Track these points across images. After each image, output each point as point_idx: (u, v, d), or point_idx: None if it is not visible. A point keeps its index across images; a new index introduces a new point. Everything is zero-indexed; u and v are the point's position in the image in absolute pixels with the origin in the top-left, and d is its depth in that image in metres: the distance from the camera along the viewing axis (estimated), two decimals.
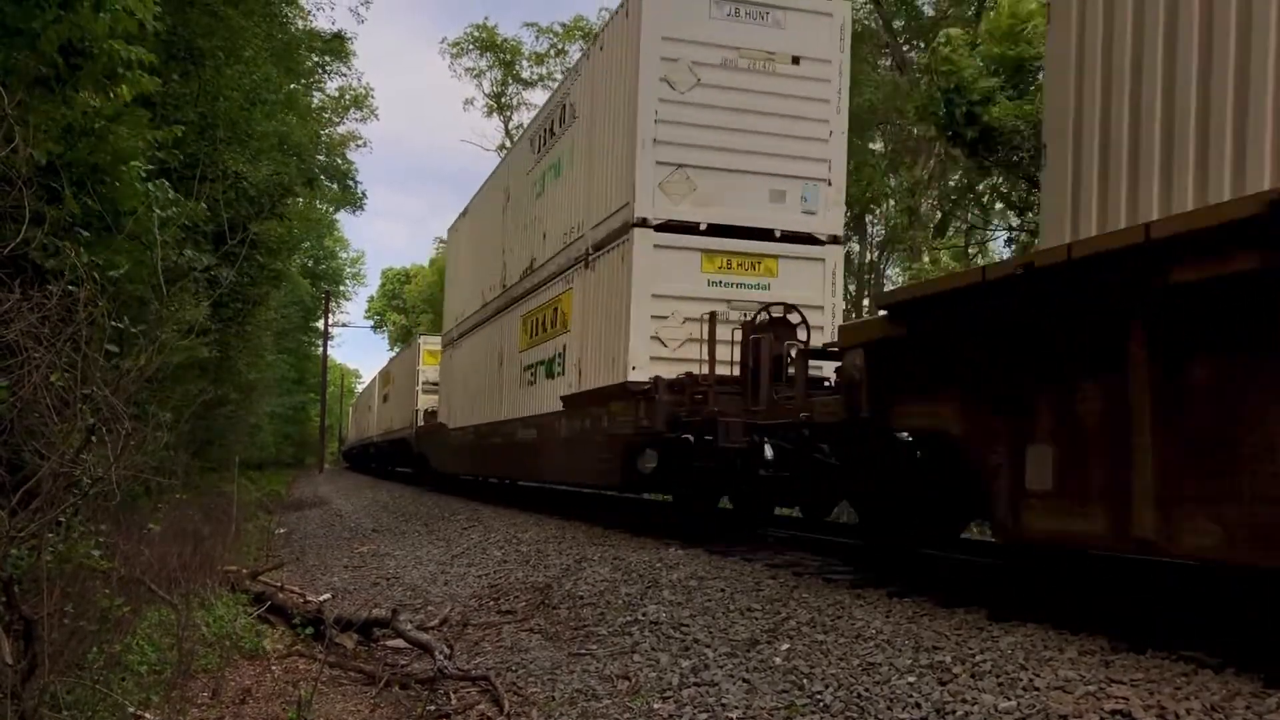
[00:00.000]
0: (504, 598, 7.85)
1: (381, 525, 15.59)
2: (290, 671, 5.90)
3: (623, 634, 5.96)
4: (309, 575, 10.27)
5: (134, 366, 4.20)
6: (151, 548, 6.29)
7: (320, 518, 18.45)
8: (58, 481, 3.84)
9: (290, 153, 17.25)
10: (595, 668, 5.38)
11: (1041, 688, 3.83)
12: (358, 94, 37.15)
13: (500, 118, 43.14)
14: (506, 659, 5.89)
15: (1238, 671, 3.75)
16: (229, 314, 15.21)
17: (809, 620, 5.44)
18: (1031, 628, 4.71)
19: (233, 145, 13.06)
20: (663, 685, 4.85)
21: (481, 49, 40.91)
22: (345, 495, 25.71)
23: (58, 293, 4.09)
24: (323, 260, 50.29)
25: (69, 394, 3.96)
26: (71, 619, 4.16)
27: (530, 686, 5.25)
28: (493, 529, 12.26)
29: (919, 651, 4.56)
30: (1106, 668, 3.94)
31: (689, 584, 6.89)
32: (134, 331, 4.42)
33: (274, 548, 12.31)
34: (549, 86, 41.48)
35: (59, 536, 4.09)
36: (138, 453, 4.52)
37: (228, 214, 9.72)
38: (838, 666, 4.59)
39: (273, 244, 16.88)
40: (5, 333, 3.94)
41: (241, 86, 13.54)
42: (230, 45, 12.70)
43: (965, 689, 3.98)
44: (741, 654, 5.09)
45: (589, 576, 7.81)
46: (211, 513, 11.10)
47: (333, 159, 31.53)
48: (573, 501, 16.28)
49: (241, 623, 6.49)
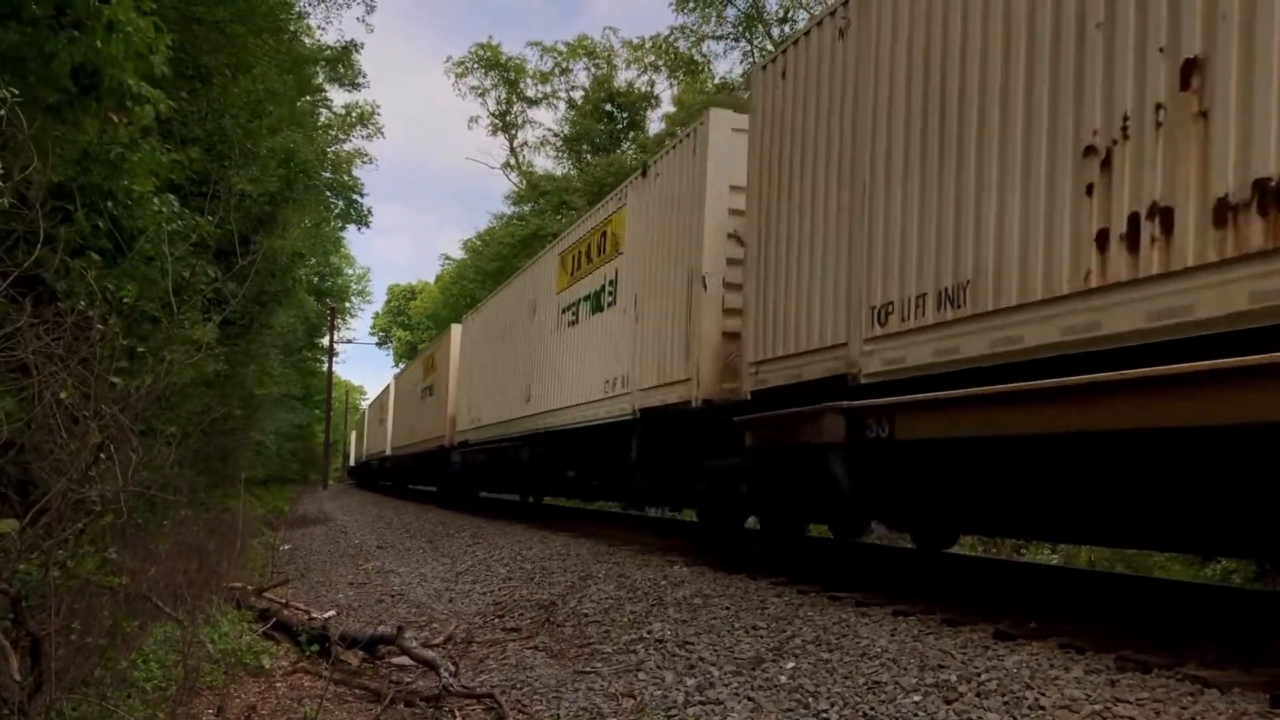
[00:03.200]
0: (509, 615, 7.84)
1: (386, 542, 15.58)
2: (295, 689, 5.90)
3: (628, 652, 5.96)
4: (314, 592, 10.27)
5: (143, 385, 4.23)
6: (157, 564, 6.30)
7: (325, 534, 18.44)
8: (66, 499, 3.86)
9: (297, 170, 17.33)
10: (600, 686, 5.37)
11: (1047, 707, 3.82)
12: (364, 111, 37.44)
13: (505, 136, 43.38)
14: (511, 676, 5.88)
15: (1244, 691, 3.75)
16: (235, 330, 15.26)
17: (814, 638, 5.43)
18: (1037, 646, 4.71)
19: (240, 163, 13.13)
20: (668, 703, 4.85)
21: (486, 68, 41.18)
22: (349, 512, 25.69)
23: (70, 312, 4.12)
24: (328, 277, 50.45)
25: (79, 412, 3.99)
26: (78, 635, 4.17)
27: (535, 704, 5.25)
28: (497, 546, 12.26)
29: (924, 670, 4.55)
30: (1112, 687, 3.94)
31: (694, 601, 6.88)
32: (143, 351, 4.45)
33: (279, 564, 12.31)
34: (553, 105, 41.80)
35: (67, 553, 4.11)
36: (145, 470, 4.54)
37: (236, 229, 9.77)
38: (843, 685, 4.58)
39: (279, 266, 16.95)
40: (17, 352, 3.97)
41: (249, 103, 13.62)
42: (238, 62, 12.78)
43: (971, 708, 3.98)
44: (746, 672, 5.09)
45: (594, 594, 7.80)
46: (217, 529, 11.09)
47: (339, 175, 31.72)
48: (577, 518, 16.27)
49: (247, 639, 6.49)
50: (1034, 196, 5.36)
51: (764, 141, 8.55)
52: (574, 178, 36.15)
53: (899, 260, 6.51)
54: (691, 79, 33.87)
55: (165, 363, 4.42)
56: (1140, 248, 4.63)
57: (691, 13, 30.93)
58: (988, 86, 5.78)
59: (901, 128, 6.57)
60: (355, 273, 62.94)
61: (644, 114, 37.60)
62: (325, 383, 48.59)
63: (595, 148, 37.43)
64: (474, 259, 42.69)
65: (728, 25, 30.80)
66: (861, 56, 7.09)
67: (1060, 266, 5.12)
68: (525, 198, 39.93)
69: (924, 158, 6.32)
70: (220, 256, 10.52)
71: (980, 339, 5.71)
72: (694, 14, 30.98)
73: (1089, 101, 5.01)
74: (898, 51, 6.68)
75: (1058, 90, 5.24)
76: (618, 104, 37.54)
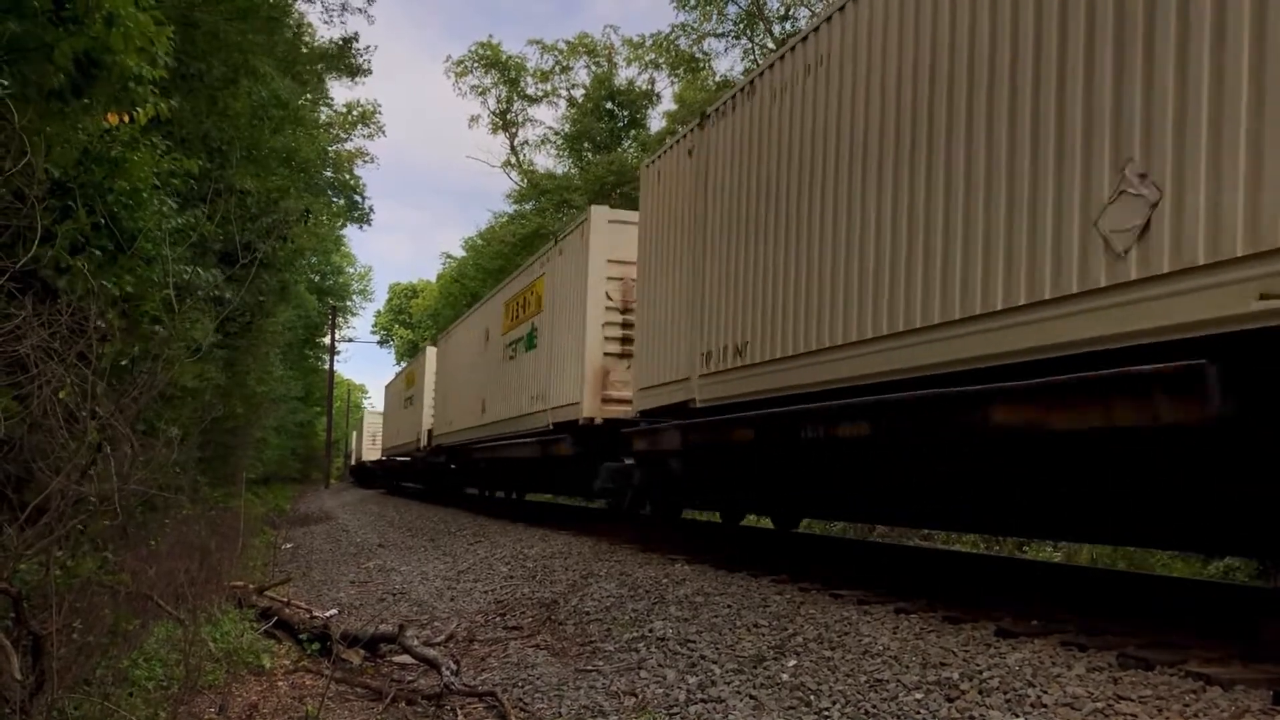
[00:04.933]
0: (510, 613, 7.84)
1: (387, 540, 15.58)
2: (297, 687, 5.89)
3: (629, 650, 5.95)
4: (315, 590, 10.26)
5: (142, 383, 4.22)
6: (159, 563, 6.30)
7: (326, 533, 18.44)
8: (66, 498, 3.85)
9: (298, 169, 17.31)
10: (602, 684, 5.37)
11: (1049, 704, 3.81)
12: (365, 110, 37.44)
13: (506, 134, 43.30)
14: (513, 675, 5.88)
15: (1247, 688, 3.74)
16: (236, 329, 15.24)
17: (816, 636, 5.43)
18: (1039, 644, 4.70)
19: (241, 163, 13.11)
20: (669, 702, 4.84)
21: (486, 66, 41.09)
22: (351, 510, 25.70)
23: (68, 308, 4.11)
24: (329, 276, 50.44)
25: (78, 410, 3.98)
26: (80, 634, 4.17)
27: (537, 703, 5.24)
28: (499, 544, 12.26)
29: (926, 668, 4.54)
30: (1115, 684, 3.93)
31: (695, 600, 6.88)
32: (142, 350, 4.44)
33: (280, 563, 12.30)
34: (554, 103, 41.74)
35: (67, 553, 4.10)
36: (145, 469, 4.53)
37: (237, 231, 9.76)
38: (845, 683, 4.58)
39: (280, 263, 16.92)
40: (16, 347, 3.96)
41: (249, 103, 13.59)
42: (238, 62, 12.75)
43: (973, 706, 3.97)
44: (748, 670, 5.08)
45: (595, 592, 7.80)
46: (218, 528, 11.09)
47: (340, 174, 31.71)
48: (578, 516, 16.26)
49: (248, 638, 6.49)
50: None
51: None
52: (575, 176, 36.12)
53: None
54: (692, 77, 33.81)
55: (163, 360, 4.40)
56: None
57: (692, 10, 30.86)
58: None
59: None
60: (356, 271, 62.99)
61: (645, 112, 37.56)
62: (326, 381, 48.57)
63: (596, 146, 37.39)
64: (475, 257, 42.66)
65: (728, 23, 30.73)
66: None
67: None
68: (526, 196, 39.90)
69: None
70: (223, 258, 10.51)
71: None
72: (694, 12, 30.90)
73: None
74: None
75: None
76: (618, 102, 37.49)
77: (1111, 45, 4.73)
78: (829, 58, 7.19)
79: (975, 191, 5.59)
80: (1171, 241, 4.34)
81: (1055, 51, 5.07)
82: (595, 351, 12.66)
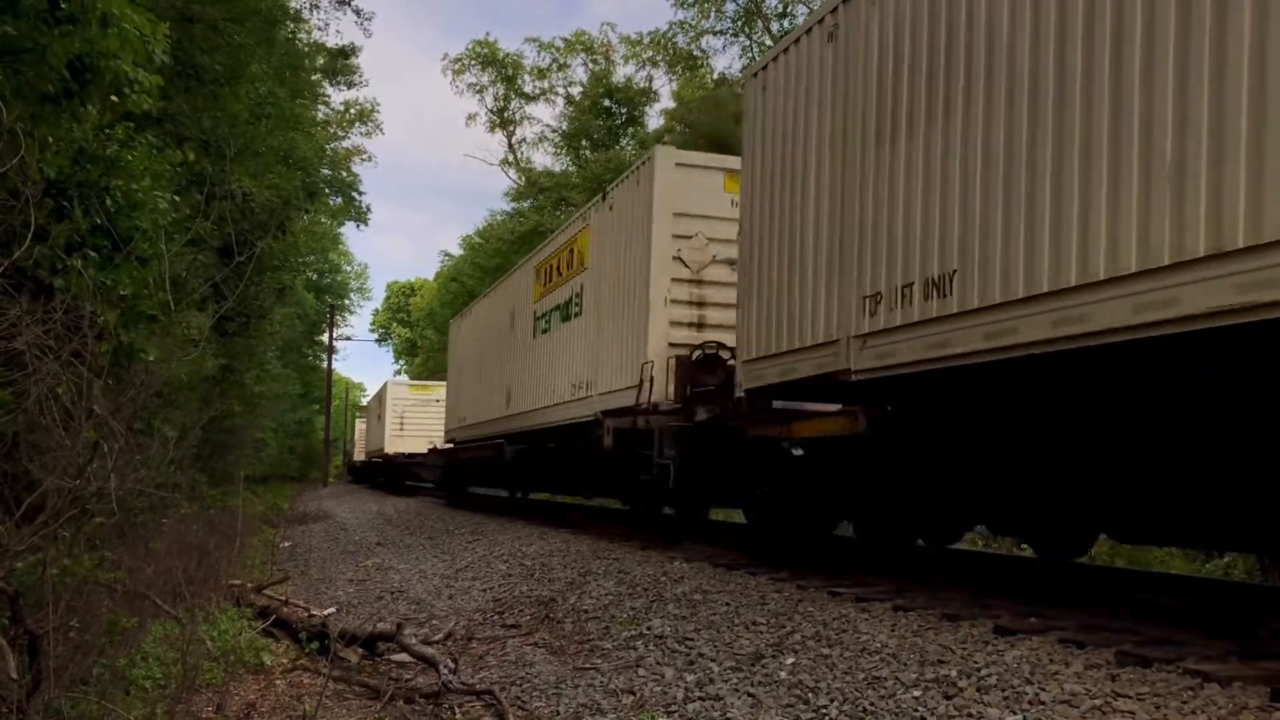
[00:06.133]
0: (508, 611, 7.84)
1: (386, 539, 15.58)
2: (295, 686, 5.89)
3: (627, 648, 5.95)
4: (313, 589, 10.25)
5: (139, 381, 4.22)
6: (156, 561, 6.29)
7: (324, 531, 18.42)
8: (62, 496, 3.84)
9: (295, 167, 17.29)
10: (600, 682, 5.36)
11: (1047, 702, 3.81)
12: (363, 109, 37.40)
13: (503, 132, 43.28)
14: (511, 673, 5.88)
15: (1244, 685, 3.74)
16: (234, 328, 15.24)
17: (814, 634, 5.42)
18: (1037, 641, 4.70)
19: (238, 162, 13.10)
20: (668, 700, 4.84)
21: (483, 64, 41.06)
22: (349, 509, 25.68)
23: (62, 306, 4.10)
24: (327, 274, 50.40)
25: (74, 408, 3.97)
26: (77, 633, 4.16)
27: (535, 701, 5.24)
28: (497, 542, 12.25)
29: (924, 665, 4.54)
30: (1112, 681, 3.93)
31: (694, 598, 6.87)
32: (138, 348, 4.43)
33: (278, 561, 12.29)
34: (552, 101, 41.71)
35: (64, 551, 4.09)
36: (143, 467, 4.52)
37: (235, 229, 9.74)
38: (843, 680, 4.57)
39: (277, 260, 16.93)
40: (11, 344, 3.95)
41: (246, 102, 13.59)
42: (235, 61, 12.74)
43: (971, 703, 3.97)
44: (746, 668, 5.07)
45: (593, 590, 7.80)
46: (216, 526, 11.08)
47: (337, 173, 31.68)
48: (576, 514, 16.26)
49: (246, 637, 6.48)
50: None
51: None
52: (573, 174, 36.10)
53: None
54: (690, 74, 33.80)
55: (159, 359, 4.39)
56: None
57: (690, 8, 30.85)
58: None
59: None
60: (354, 269, 62.94)
61: (643, 110, 37.57)
62: (325, 380, 48.52)
63: (594, 144, 37.37)
64: (473, 255, 42.63)
65: (726, 20, 30.72)
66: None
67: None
68: (524, 194, 39.89)
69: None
70: (221, 254, 10.49)
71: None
72: (692, 9, 30.89)
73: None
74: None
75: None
76: (616, 100, 37.47)
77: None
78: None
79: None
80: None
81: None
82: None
